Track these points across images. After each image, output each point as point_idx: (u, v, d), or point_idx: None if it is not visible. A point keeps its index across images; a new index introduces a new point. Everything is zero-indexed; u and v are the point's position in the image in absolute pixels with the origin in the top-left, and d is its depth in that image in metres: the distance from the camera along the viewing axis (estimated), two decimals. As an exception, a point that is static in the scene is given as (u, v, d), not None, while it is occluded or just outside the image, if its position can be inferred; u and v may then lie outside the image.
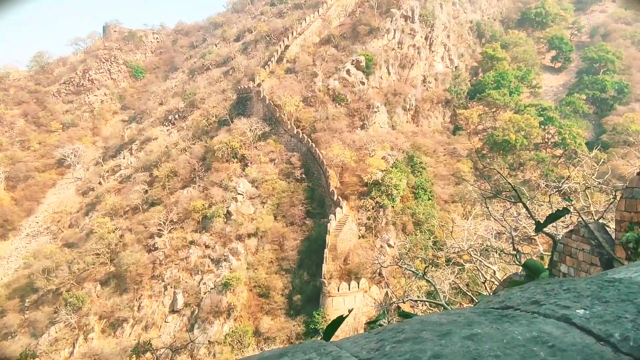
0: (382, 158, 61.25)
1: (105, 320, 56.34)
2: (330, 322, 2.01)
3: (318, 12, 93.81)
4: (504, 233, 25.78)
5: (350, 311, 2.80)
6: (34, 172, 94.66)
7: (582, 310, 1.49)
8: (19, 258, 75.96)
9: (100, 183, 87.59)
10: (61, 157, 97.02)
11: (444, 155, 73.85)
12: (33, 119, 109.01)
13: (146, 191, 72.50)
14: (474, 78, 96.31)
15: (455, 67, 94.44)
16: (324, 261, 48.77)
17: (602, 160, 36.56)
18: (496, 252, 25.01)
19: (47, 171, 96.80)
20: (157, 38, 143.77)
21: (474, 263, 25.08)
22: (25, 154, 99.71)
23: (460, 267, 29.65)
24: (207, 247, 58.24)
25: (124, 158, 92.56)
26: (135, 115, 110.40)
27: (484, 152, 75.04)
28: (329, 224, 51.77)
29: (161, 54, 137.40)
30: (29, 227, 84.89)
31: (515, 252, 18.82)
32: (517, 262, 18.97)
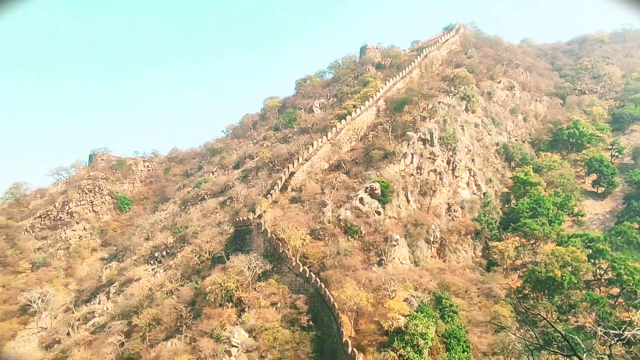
0: (404, 300, 59.81)
1: None
2: None
3: (326, 136, 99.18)
4: (560, 395, 24.18)
5: None
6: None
7: None
8: None
9: (68, 334, 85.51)
10: (26, 303, 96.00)
11: (479, 296, 72.10)
12: (0, 258, 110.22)
13: (122, 344, 70.43)
14: (506, 206, 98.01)
15: (484, 193, 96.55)
16: None
17: (668, 300, 35.55)
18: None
19: (7, 320, 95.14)
20: (148, 166, 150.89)
21: None
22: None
23: None
24: (192, 415, 54.74)
25: (99, 303, 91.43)
26: (117, 252, 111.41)
27: (526, 291, 73.33)
28: (342, 384, 49.07)
29: (151, 183, 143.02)
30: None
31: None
32: None
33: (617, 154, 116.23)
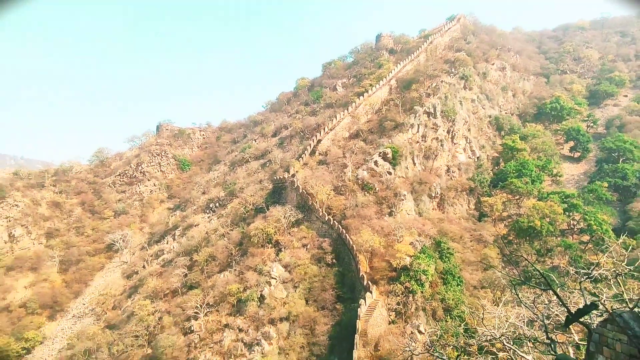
0: (410, 244, 60.00)
1: (138, 404, 54.02)
2: None
3: (347, 110, 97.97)
4: (537, 321, 24.11)
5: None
6: (85, 256, 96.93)
7: None
8: (64, 339, 75.38)
9: (144, 267, 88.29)
10: (111, 242, 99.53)
11: (471, 241, 71.77)
12: (89, 207, 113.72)
13: (186, 275, 72.46)
14: (496, 167, 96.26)
15: (477, 157, 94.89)
16: (355, 347, 46.19)
17: (630, 246, 34.75)
18: (529, 340, 23.26)
19: (97, 255, 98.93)
20: (203, 135, 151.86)
21: (508, 352, 23.32)
22: (79, 239, 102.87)
23: (493, 357, 27.54)
24: (240, 330, 56.51)
25: (167, 243, 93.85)
26: (180, 203, 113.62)
27: (510, 238, 72.69)
28: (359, 309, 49.78)
29: (206, 148, 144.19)
30: (76, 309, 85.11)
31: (549, 341, 17.49)
32: (551, 352, 17.55)
33: (592, 124, 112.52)
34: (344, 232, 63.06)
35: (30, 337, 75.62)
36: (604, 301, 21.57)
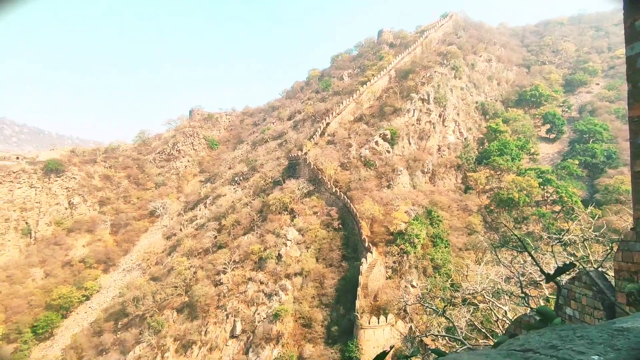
0: (405, 212, 60.00)
1: (178, 342, 55.62)
2: (376, 356, 2.01)
3: (352, 97, 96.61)
4: (513, 278, 24.09)
5: (391, 347, 2.80)
6: (132, 220, 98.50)
7: (597, 357, 1.35)
8: (116, 288, 77.52)
9: (180, 230, 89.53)
10: (153, 209, 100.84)
11: (457, 210, 71.46)
12: (134, 180, 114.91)
13: (215, 237, 73.34)
14: (481, 147, 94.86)
15: (465, 138, 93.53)
16: (357, 298, 46.99)
17: (597, 215, 34.33)
18: (506, 294, 23.32)
19: (141, 220, 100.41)
20: (229, 118, 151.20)
21: (487, 303, 23.43)
22: (126, 207, 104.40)
23: (475, 307, 27.75)
24: (261, 283, 57.57)
25: (199, 210, 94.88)
26: (210, 177, 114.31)
27: (492, 208, 72.24)
28: (361, 267, 50.32)
29: (231, 130, 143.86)
30: (125, 264, 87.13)
31: (523, 295, 17.47)
32: (525, 304, 17.55)
33: (566, 109, 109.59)
34: (349, 201, 63.18)
35: (89, 286, 77.91)
36: (572, 262, 21.44)
